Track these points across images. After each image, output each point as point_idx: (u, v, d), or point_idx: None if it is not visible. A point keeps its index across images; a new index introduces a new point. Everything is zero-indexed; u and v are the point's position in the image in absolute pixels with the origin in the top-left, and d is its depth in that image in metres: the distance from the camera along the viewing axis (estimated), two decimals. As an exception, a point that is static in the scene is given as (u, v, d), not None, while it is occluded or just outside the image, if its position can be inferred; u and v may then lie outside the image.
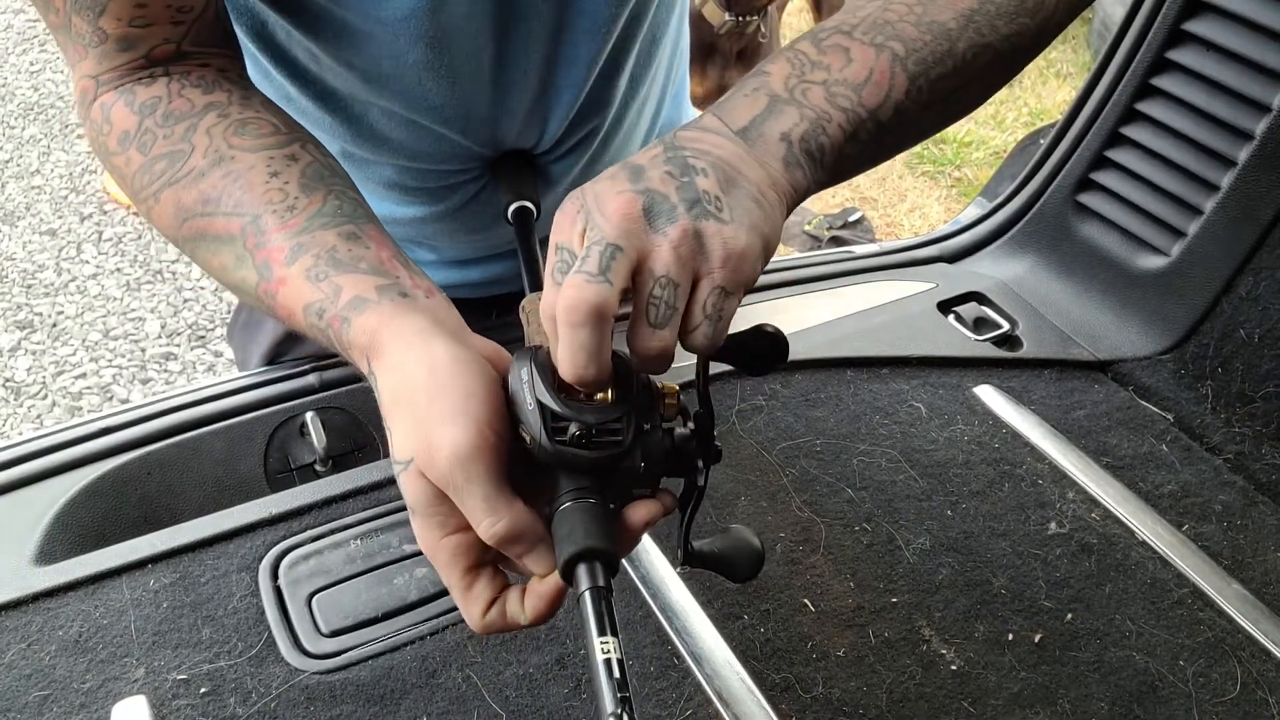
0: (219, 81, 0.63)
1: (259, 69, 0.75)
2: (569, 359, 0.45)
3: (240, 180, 0.58)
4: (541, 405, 0.47)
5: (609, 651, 0.43)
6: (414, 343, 0.49)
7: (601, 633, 0.43)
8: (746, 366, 0.52)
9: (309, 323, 0.54)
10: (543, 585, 0.48)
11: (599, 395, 0.48)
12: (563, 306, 0.44)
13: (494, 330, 0.61)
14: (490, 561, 0.49)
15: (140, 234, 2.99)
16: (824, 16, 3.25)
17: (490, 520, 0.45)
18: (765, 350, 0.51)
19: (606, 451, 0.47)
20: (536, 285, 0.69)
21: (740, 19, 2.34)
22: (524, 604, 0.48)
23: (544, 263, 0.55)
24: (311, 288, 0.53)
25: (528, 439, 0.47)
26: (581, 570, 0.45)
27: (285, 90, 0.76)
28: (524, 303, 0.61)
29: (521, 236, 0.75)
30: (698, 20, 2.36)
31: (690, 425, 0.51)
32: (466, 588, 0.48)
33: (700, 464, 0.51)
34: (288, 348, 0.95)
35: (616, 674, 0.42)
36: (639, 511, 0.49)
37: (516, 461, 0.47)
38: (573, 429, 0.46)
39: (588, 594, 0.44)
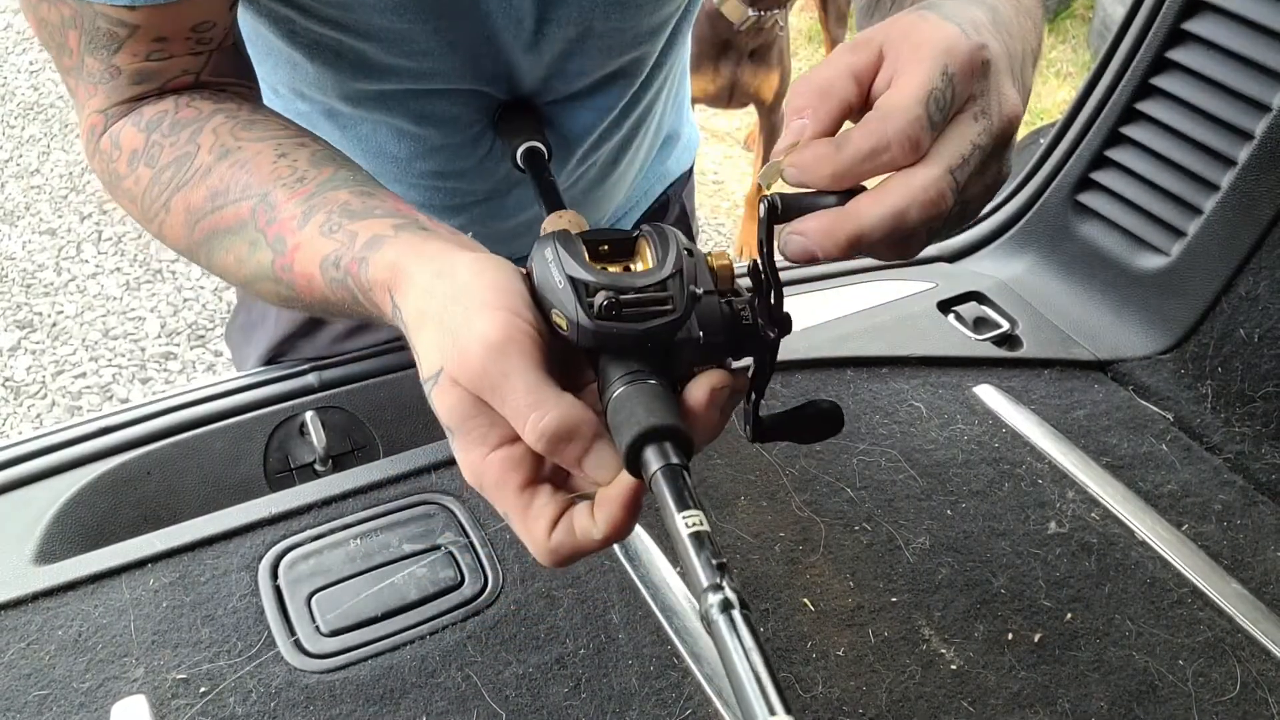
0: (231, 97, 0.62)
1: (266, 87, 0.74)
2: None
3: (247, 166, 0.55)
4: (574, 280, 0.41)
5: (696, 525, 0.36)
6: (437, 259, 0.45)
7: (683, 507, 0.37)
8: (798, 436, 0.48)
9: (328, 278, 0.50)
10: (612, 489, 0.41)
11: (638, 265, 0.42)
12: None
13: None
14: (547, 479, 0.43)
15: (140, 233, 2.99)
16: (830, 15, 3.26)
17: (536, 415, 0.39)
18: (819, 421, 0.47)
19: (657, 321, 0.40)
20: (555, 207, 0.63)
21: (761, 14, 2.35)
22: (595, 516, 0.41)
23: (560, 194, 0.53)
24: (327, 241, 0.50)
25: (563, 324, 0.41)
26: (649, 452, 0.38)
27: (294, 106, 0.75)
28: (545, 224, 0.56)
29: (535, 172, 0.70)
30: (715, 17, 2.37)
31: (752, 299, 0.44)
32: (524, 507, 0.42)
33: (771, 335, 0.43)
34: (286, 349, 0.95)
35: (710, 544, 0.36)
36: (701, 383, 0.42)
37: (559, 367, 0.42)
38: (607, 298, 0.40)
39: (660, 473, 0.38)
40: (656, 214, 1.05)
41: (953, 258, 1.12)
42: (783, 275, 0.44)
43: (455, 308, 0.42)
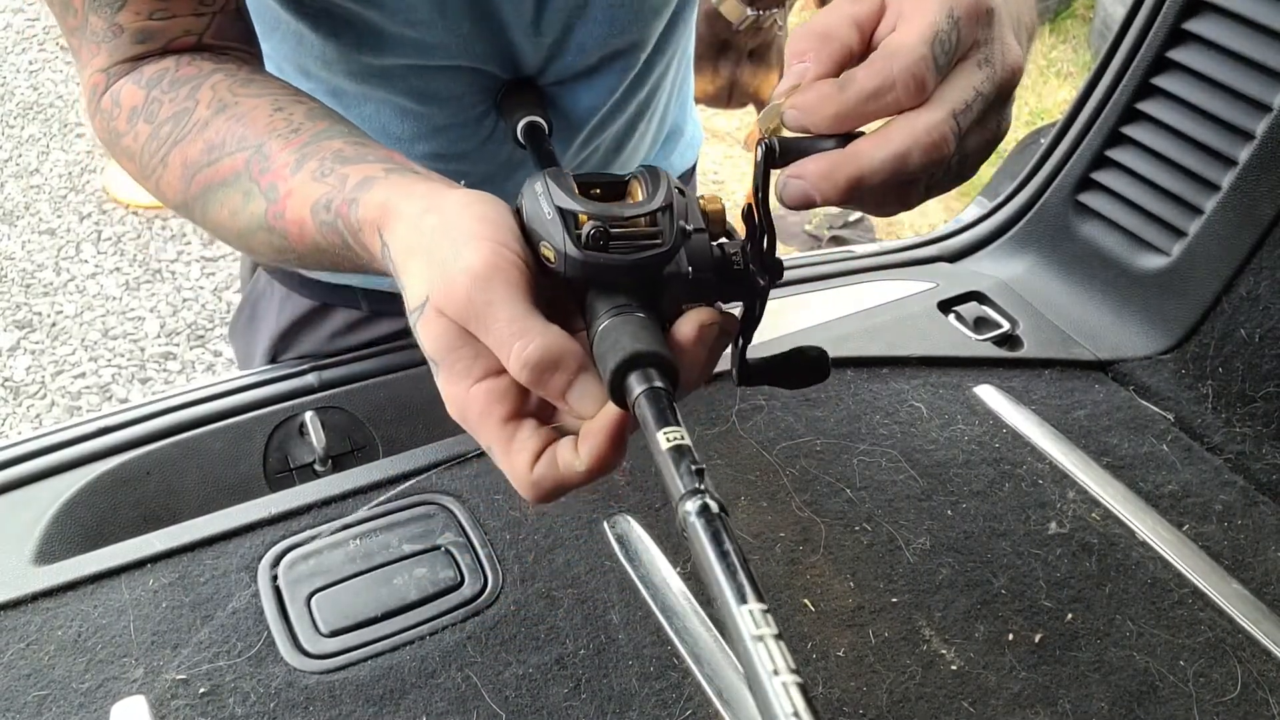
0: (232, 59, 0.62)
1: (271, 65, 0.75)
2: None
3: (244, 119, 0.55)
4: (562, 211, 0.40)
5: (676, 439, 0.35)
6: (427, 196, 0.44)
7: (664, 424, 0.36)
8: (784, 381, 0.47)
9: (318, 221, 0.49)
10: (597, 421, 0.40)
11: (628, 198, 0.42)
12: None
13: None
14: (532, 413, 0.42)
15: (140, 233, 2.99)
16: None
17: (521, 344, 0.39)
18: (805, 369, 0.46)
19: (645, 253, 0.40)
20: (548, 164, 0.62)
21: (761, 14, 2.34)
22: (579, 449, 0.40)
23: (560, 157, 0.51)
24: (318, 185, 0.50)
25: (551, 256, 0.40)
26: (633, 378, 0.37)
27: (329, 84, 0.76)
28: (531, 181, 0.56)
29: (535, 145, 0.70)
30: (714, 17, 2.37)
31: (744, 243, 0.43)
32: (507, 439, 0.41)
33: (761, 281, 0.43)
34: (289, 341, 0.95)
35: (688, 455, 0.35)
36: (690, 319, 0.41)
37: (546, 301, 0.41)
38: (595, 227, 0.39)
39: (643, 396, 0.37)
40: None
41: (953, 257, 1.12)
42: (782, 276, 0.44)
43: (443, 240, 0.41)
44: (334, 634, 0.69)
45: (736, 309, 0.46)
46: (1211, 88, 0.94)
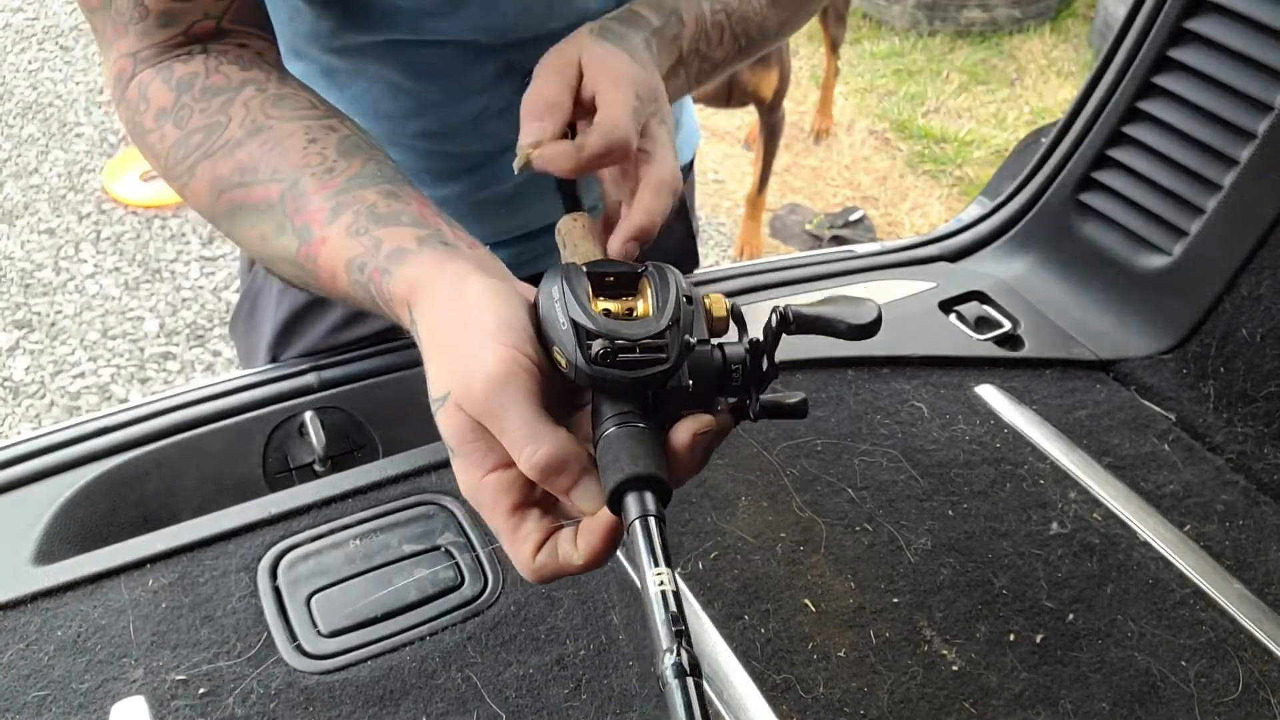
0: (256, 61, 0.64)
1: (290, 50, 0.75)
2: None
3: (278, 148, 0.58)
4: (576, 324, 0.44)
5: (663, 583, 0.40)
6: (452, 284, 0.49)
7: (655, 564, 0.40)
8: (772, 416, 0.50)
9: (351, 279, 0.54)
10: (595, 521, 0.44)
11: (639, 310, 0.45)
12: None
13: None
14: (537, 503, 0.46)
15: (139, 233, 2.99)
16: (828, 15, 3.25)
17: (531, 448, 0.43)
18: (788, 412, 0.49)
19: (649, 370, 0.43)
20: (572, 208, 0.66)
21: None
22: (577, 543, 0.45)
23: (581, 185, 0.61)
24: (353, 242, 0.53)
25: (563, 362, 0.44)
26: (630, 499, 0.42)
27: (322, 62, 0.77)
28: (559, 224, 0.59)
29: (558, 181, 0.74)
30: None
31: (746, 341, 0.47)
32: (513, 529, 0.45)
33: (750, 398, 0.47)
34: (291, 338, 0.95)
35: (673, 607, 0.39)
36: (685, 426, 0.45)
37: (557, 395, 0.45)
38: (604, 346, 0.43)
39: (637, 523, 0.41)
40: None
41: (954, 257, 1.12)
42: (783, 275, 0.45)
43: (465, 337, 0.45)
44: (334, 634, 0.69)
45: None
46: (1212, 87, 0.94)
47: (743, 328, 0.48)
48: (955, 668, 0.71)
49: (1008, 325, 1.02)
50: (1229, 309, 0.96)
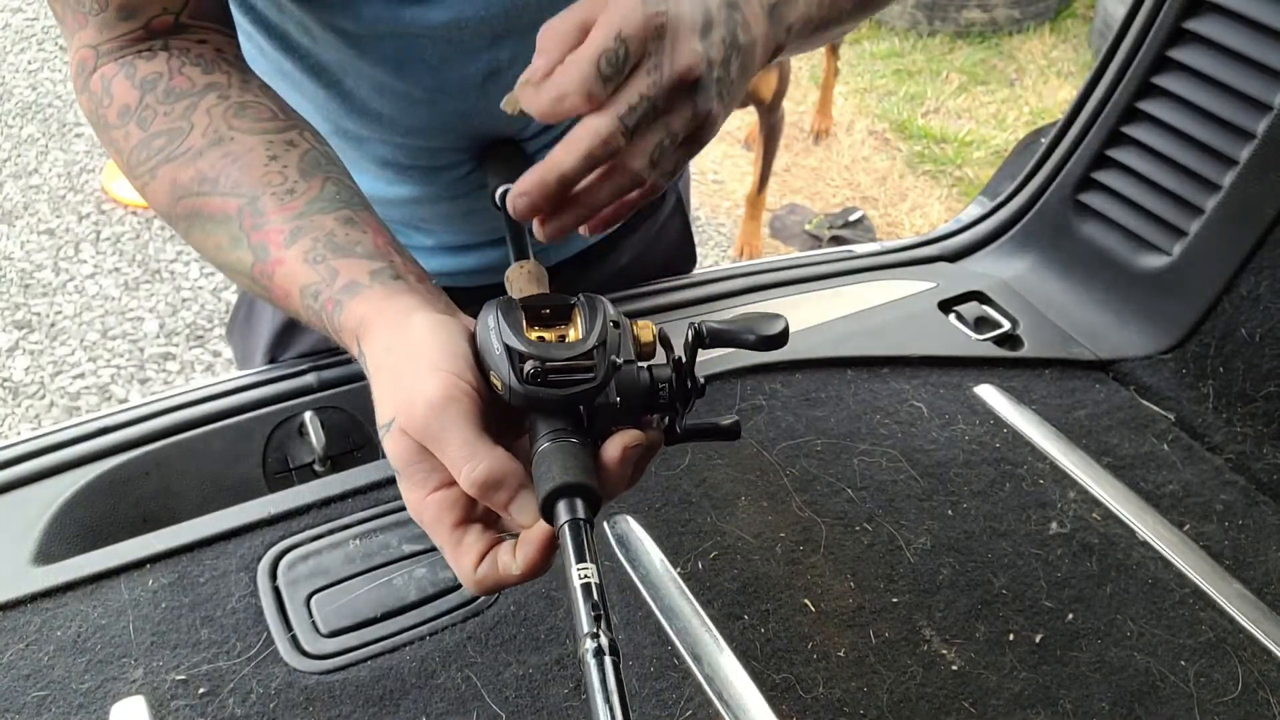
0: (218, 62, 0.65)
1: (253, 45, 0.76)
2: None
3: (239, 161, 0.59)
4: (509, 348, 0.47)
5: (587, 576, 0.42)
6: (398, 319, 0.51)
7: (580, 560, 0.43)
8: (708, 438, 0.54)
9: (304, 304, 0.55)
10: (531, 533, 0.47)
11: (570, 336, 0.49)
12: None
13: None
14: (479, 519, 0.49)
15: (138, 233, 2.99)
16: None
17: (470, 465, 0.45)
18: (722, 434, 0.53)
19: (577, 388, 0.47)
20: (521, 255, 0.69)
21: None
22: (515, 555, 0.47)
23: (530, 237, 0.59)
24: (309, 270, 0.55)
25: (499, 385, 0.47)
26: (560, 506, 0.44)
27: (280, 65, 0.76)
28: (508, 272, 0.62)
29: (508, 216, 0.75)
30: None
31: (671, 360, 0.50)
32: (456, 543, 0.48)
33: (676, 410, 0.50)
34: (288, 341, 0.95)
35: (594, 596, 0.42)
36: (615, 441, 0.48)
37: (499, 422, 0.48)
38: (534, 366, 0.46)
39: (566, 527, 0.44)
40: (655, 201, 1.04)
41: (953, 257, 1.12)
42: (783, 275, 0.46)
43: (409, 367, 0.48)
44: (333, 634, 0.69)
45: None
46: (1212, 87, 0.94)
47: (670, 350, 0.51)
48: (955, 667, 0.71)
49: (1007, 325, 1.02)
50: (1228, 309, 0.96)
